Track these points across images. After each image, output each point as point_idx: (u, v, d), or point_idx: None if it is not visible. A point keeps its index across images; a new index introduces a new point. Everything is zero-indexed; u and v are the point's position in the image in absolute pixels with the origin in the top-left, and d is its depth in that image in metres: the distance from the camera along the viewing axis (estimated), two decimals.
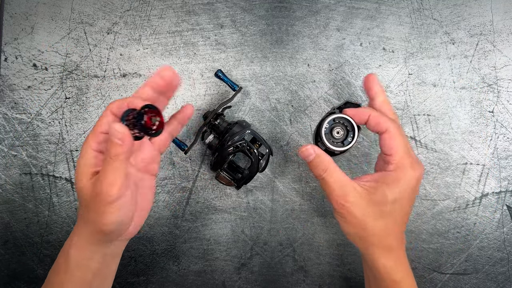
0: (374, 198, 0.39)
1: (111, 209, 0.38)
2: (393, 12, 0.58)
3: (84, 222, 0.40)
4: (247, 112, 0.58)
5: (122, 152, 0.36)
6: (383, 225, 0.40)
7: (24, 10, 0.57)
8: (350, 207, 0.39)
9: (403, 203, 0.40)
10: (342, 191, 0.39)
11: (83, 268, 0.41)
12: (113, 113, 0.40)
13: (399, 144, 0.40)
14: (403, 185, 0.40)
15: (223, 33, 0.58)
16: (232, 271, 0.58)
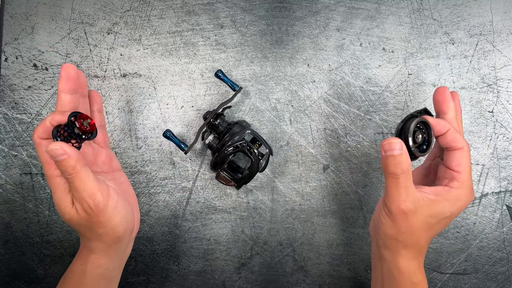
0: (432, 212, 0.40)
1: (109, 214, 0.38)
2: (393, 12, 0.58)
3: (99, 241, 0.40)
4: (247, 112, 0.58)
5: (74, 163, 0.36)
6: (428, 235, 0.41)
7: (24, 10, 0.57)
8: (409, 216, 0.39)
9: (449, 221, 0.41)
10: (408, 197, 0.39)
11: (98, 279, 0.42)
12: (44, 138, 0.38)
13: (468, 165, 0.40)
14: (460, 205, 0.40)
15: (223, 33, 0.58)
16: (232, 271, 0.58)
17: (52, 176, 0.38)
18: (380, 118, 0.57)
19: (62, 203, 0.38)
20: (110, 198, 0.38)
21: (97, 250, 0.41)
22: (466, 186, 0.40)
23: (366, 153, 0.57)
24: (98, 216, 0.38)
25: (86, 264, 0.41)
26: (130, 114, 0.57)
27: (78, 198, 0.37)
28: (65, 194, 0.38)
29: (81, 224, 0.39)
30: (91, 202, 0.37)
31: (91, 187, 0.37)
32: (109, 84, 0.57)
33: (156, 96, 0.57)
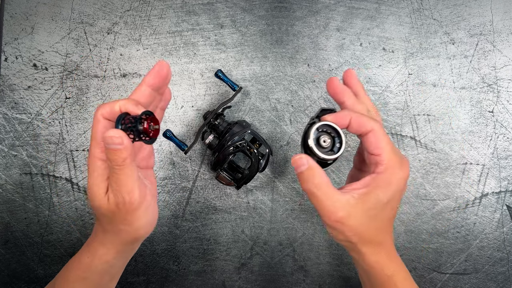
0: (368, 205, 0.38)
1: (138, 214, 0.38)
2: (393, 12, 0.58)
3: (115, 234, 0.39)
4: (247, 112, 0.58)
5: (126, 156, 0.35)
6: (376, 226, 0.40)
7: (24, 10, 0.57)
8: (345, 222, 0.38)
9: (394, 203, 0.40)
10: (335, 206, 0.38)
11: (102, 274, 0.41)
12: (106, 118, 0.37)
13: (386, 142, 0.39)
14: (394, 186, 0.39)
15: (223, 33, 0.58)
16: (232, 271, 0.58)
17: (95, 156, 0.37)
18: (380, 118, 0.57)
19: (96, 188, 0.37)
20: (145, 200, 0.38)
21: (109, 244, 0.40)
22: (392, 165, 0.38)
23: None
24: (128, 213, 0.37)
25: (94, 258, 0.40)
26: None
27: (115, 191, 0.36)
28: (102, 180, 0.37)
29: (106, 215, 0.38)
30: (127, 198, 0.36)
31: (132, 184, 0.36)
32: (109, 84, 0.57)
33: None
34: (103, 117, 0.37)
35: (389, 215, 0.40)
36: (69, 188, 0.57)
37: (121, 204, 0.36)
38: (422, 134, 0.57)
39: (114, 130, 0.34)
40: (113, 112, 0.37)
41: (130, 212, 0.37)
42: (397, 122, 0.57)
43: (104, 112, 0.37)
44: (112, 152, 0.35)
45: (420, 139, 0.57)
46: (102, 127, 0.37)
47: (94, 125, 0.37)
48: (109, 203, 0.37)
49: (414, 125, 0.57)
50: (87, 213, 0.57)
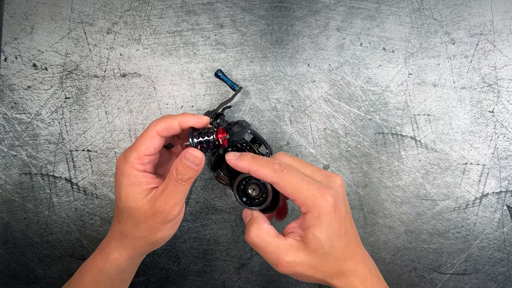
0: (311, 246, 0.37)
1: (166, 227, 0.39)
2: (393, 12, 0.58)
3: (131, 239, 0.40)
4: (247, 112, 0.58)
5: (194, 176, 0.38)
6: (334, 259, 0.38)
7: (24, 10, 0.57)
8: (295, 265, 0.37)
9: (339, 231, 0.37)
10: (280, 253, 0.37)
11: (114, 279, 0.42)
12: (161, 135, 0.39)
13: (292, 184, 0.37)
14: (324, 218, 0.37)
15: (223, 33, 0.58)
16: (232, 271, 0.58)
17: (135, 167, 0.38)
18: (380, 118, 0.57)
19: (132, 192, 0.38)
20: (178, 217, 0.39)
21: (122, 249, 0.41)
22: (312, 200, 0.37)
23: (366, 153, 0.57)
24: (160, 223, 0.38)
25: (106, 262, 0.41)
26: (130, 114, 0.57)
27: (163, 200, 0.37)
28: (140, 186, 0.39)
29: (136, 217, 0.39)
30: (169, 210, 0.37)
31: (180, 200, 0.38)
32: (108, 84, 0.57)
33: (156, 96, 0.57)
34: (158, 134, 0.39)
35: (343, 243, 0.38)
36: (68, 188, 0.57)
37: (159, 212, 0.38)
38: (422, 134, 0.57)
39: (197, 151, 0.38)
40: (169, 130, 0.39)
41: (162, 223, 0.38)
42: (397, 122, 0.57)
43: (161, 130, 0.39)
44: (187, 168, 0.37)
45: (420, 139, 0.57)
46: (152, 144, 0.39)
47: (144, 138, 0.39)
48: (146, 206, 0.38)
49: (414, 125, 0.57)
50: (87, 213, 0.57)
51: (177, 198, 0.38)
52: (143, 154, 0.38)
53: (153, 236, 0.39)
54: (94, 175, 0.57)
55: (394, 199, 0.58)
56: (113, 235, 0.42)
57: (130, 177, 0.38)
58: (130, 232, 0.40)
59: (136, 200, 0.38)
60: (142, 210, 0.38)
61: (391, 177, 0.57)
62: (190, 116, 0.39)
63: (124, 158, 0.39)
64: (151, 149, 0.39)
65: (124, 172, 0.39)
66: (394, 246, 0.58)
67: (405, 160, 0.57)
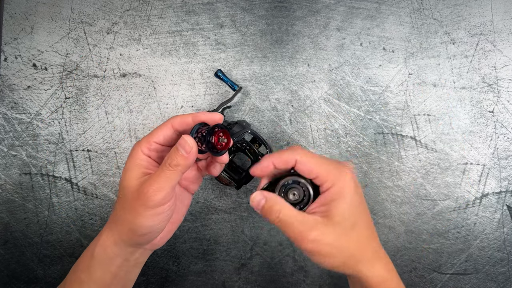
0: (336, 219, 0.38)
1: (148, 213, 0.38)
2: (393, 12, 0.58)
3: (115, 222, 0.41)
4: (247, 112, 0.58)
5: (183, 165, 0.38)
6: (357, 238, 0.38)
7: (24, 10, 0.57)
8: (321, 240, 0.37)
9: (360, 208, 0.39)
10: (305, 226, 0.37)
11: (104, 268, 0.41)
12: (174, 128, 0.41)
13: (315, 163, 0.39)
14: (347, 192, 0.38)
15: (223, 33, 0.58)
16: (232, 271, 0.58)
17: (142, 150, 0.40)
18: (380, 118, 0.57)
19: (134, 169, 0.40)
20: (162, 207, 0.39)
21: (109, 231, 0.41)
22: (333, 177, 0.38)
23: (366, 153, 0.57)
24: (141, 206, 0.38)
25: (96, 245, 0.41)
26: (130, 114, 0.57)
27: (149, 182, 0.38)
28: (140, 168, 0.40)
29: (125, 196, 0.39)
30: (151, 193, 0.38)
31: (164, 187, 0.38)
32: (108, 84, 0.57)
33: (156, 96, 0.57)
34: (172, 126, 0.41)
35: (365, 223, 0.39)
36: (68, 188, 0.57)
37: (142, 194, 0.38)
38: (422, 134, 0.57)
39: (191, 139, 0.38)
40: (182, 124, 0.41)
41: (143, 207, 0.38)
42: (397, 122, 0.57)
43: (175, 122, 0.41)
44: (176, 154, 0.38)
45: (420, 139, 0.57)
46: (163, 133, 0.41)
47: (159, 127, 0.41)
48: (135, 186, 0.39)
49: (414, 125, 0.57)
50: (87, 213, 0.57)
51: (161, 183, 0.38)
52: (152, 139, 0.40)
53: (134, 221, 0.39)
54: (94, 175, 0.57)
55: (394, 199, 0.58)
56: (109, 219, 0.43)
57: (134, 158, 0.40)
58: (118, 214, 0.40)
59: (130, 179, 0.39)
60: (131, 190, 0.39)
61: (391, 177, 0.57)
62: (204, 113, 0.41)
63: (137, 143, 0.41)
64: (160, 137, 0.40)
65: (132, 152, 0.41)
66: (394, 246, 0.58)
67: (405, 160, 0.57)
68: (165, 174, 0.38)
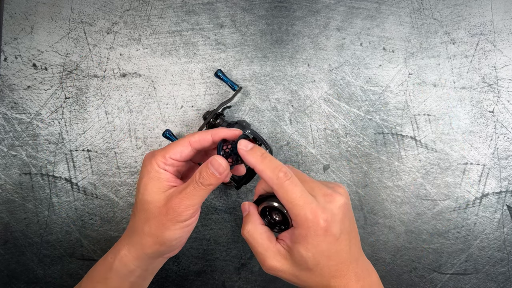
0: (294, 259, 0.37)
1: (177, 226, 0.39)
2: (393, 12, 0.58)
3: (137, 235, 0.41)
4: (247, 112, 0.58)
5: (215, 184, 0.38)
6: (317, 276, 0.37)
7: (24, 10, 0.57)
8: (279, 270, 0.38)
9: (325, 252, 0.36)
10: (266, 255, 0.38)
11: (123, 279, 0.42)
12: (192, 146, 0.40)
13: (289, 197, 0.36)
14: (312, 239, 0.36)
15: (223, 33, 0.58)
16: (232, 271, 0.58)
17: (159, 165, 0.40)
18: (380, 118, 0.57)
19: (151, 186, 0.39)
20: (189, 222, 0.40)
21: (131, 246, 0.41)
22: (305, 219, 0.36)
23: (366, 153, 0.57)
24: (170, 221, 0.39)
25: (115, 258, 0.41)
26: (130, 114, 0.57)
27: (179, 196, 0.38)
28: (160, 182, 0.40)
29: (150, 211, 0.39)
30: (181, 210, 0.38)
31: (195, 204, 0.39)
32: (108, 84, 0.57)
33: (156, 96, 0.57)
34: (190, 143, 0.40)
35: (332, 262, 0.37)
36: (68, 188, 0.57)
37: (172, 210, 0.38)
38: (422, 134, 0.57)
39: (223, 160, 0.39)
40: (201, 142, 0.40)
41: (173, 221, 0.39)
42: (397, 122, 0.57)
43: (194, 141, 0.40)
44: (209, 174, 0.38)
45: (420, 139, 0.57)
46: (180, 151, 0.40)
47: (176, 144, 0.40)
48: (161, 201, 0.39)
49: (414, 125, 0.57)
50: (87, 213, 0.57)
51: (192, 200, 0.38)
52: (169, 156, 0.40)
53: (162, 235, 0.39)
54: (94, 175, 0.57)
55: (394, 199, 0.57)
56: (126, 232, 0.43)
57: (152, 171, 0.40)
58: (141, 228, 0.40)
59: (153, 193, 0.39)
60: (156, 205, 0.39)
61: (391, 177, 0.57)
62: (223, 129, 0.41)
63: (151, 155, 0.41)
64: (177, 155, 0.40)
65: (147, 166, 0.40)
66: (394, 246, 0.58)
67: (405, 160, 0.57)
68: (197, 192, 0.38)
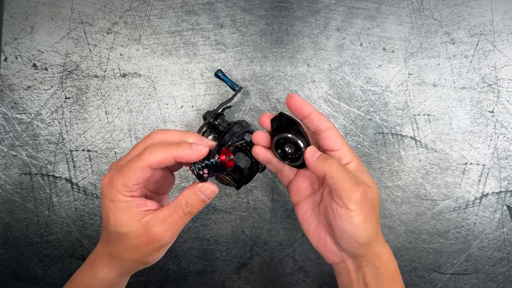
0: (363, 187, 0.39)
1: (160, 250, 0.39)
2: (393, 12, 0.58)
3: (120, 261, 0.39)
4: (247, 112, 0.58)
5: (201, 207, 0.38)
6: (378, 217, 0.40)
7: (24, 10, 0.57)
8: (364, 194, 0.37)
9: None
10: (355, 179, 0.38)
11: None
12: (152, 168, 0.36)
13: (342, 139, 0.40)
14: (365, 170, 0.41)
15: (223, 33, 0.58)
16: (232, 271, 0.58)
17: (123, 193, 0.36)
18: (380, 118, 0.57)
19: (127, 214, 0.36)
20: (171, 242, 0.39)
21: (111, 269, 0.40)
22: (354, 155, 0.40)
23: (366, 153, 0.57)
24: (153, 247, 0.37)
25: (95, 280, 0.40)
26: (130, 114, 0.57)
27: (159, 227, 0.36)
28: (134, 209, 0.36)
29: (126, 242, 0.37)
30: (166, 239, 0.37)
31: (179, 230, 0.38)
32: (108, 84, 0.57)
33: (156, 96, 0.57)
34: (150, 167, 0.36)
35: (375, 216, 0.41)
36: (68, 188, 0.57)
37: (156, 240, 0.37)
38: (422, 134, 0.57)
39: (212, 185, 0.37)
40: (162, 163, 0.36)
41: (156, 249, 0.38)
42: (397, 122, 0.57)
43: (152, 163, 0.36)
44: (199, 202, 0.37)
45: (420, 139, 0.57)
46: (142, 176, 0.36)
47: (134, 168, 0.35)
48: (139, 231, 0.36)
49: (414, 125, 0.57)
50: (87, 213, 0.57)
51: (178, 228, 0.37)
52: (130, 183, 0.36)
53: (144, 260, 0.38)
54: (94, 175, 0.57)
55: (394, 199, 0.58)
56: (101, 255, 0.40)
57: (118, 202, 0.36)
58: (119, 255, 0.38)
59: (128, 225, 0.36)
60: (134, 236, 0.36)
61: (391, 177, 0.57)
62: (188, 148, 0.36)
63: (110, 183, 0.36)
64: (139, 179, 0.36)
65: (111, 197, 0.36)
66: (394, 246, 0.58)
67: (405, 160, 0.57)
68: (184, 221, 0.37)
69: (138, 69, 0.57)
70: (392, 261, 0.41)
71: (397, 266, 0.42)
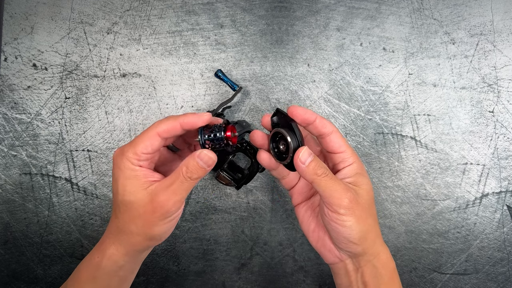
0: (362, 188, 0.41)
1: (165, 221, 0.39)
2: (393, 12, 0.58)
3: (124, 234, 0.40)
4: (247, 112, 0.58)
5: (202, 176, 0.38)
6: (373, 215, 0.41)
7: (24, 10, 0.57)
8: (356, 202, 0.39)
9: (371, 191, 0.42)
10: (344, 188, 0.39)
11: (112, 275, 0.41)
12: (161, 137, 0.39)
13: (345, 143, 0.42)
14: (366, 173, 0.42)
15: (223, 33, 0.58)
16: (232, 271, 0.58)
17: (132, 162, 0.38)
18: (380, 118, 0.57)
19: (135, 182, 0.38)
20: (177, 213, 0.40)
21: (119, 245, 0.40)
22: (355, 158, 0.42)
23: (366, 153, 0.57)
24: (158, 217, 0.38)
25: (103, 257, 0.41)
26: (130, 114, 0.57)
27: (166, 193, 0.37)
28: (141, 178, 0.38)
29: (133, 210, 0.38)
30: (169, 206, 0.38)
31: (182, 198, 0.38)
32: (108, 84, 0.57)
33: (156, 96, 0.57)
34: (158, 134, 0.39)
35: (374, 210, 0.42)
36: (68, 188, 0.57)
37: (160, 208, 0.37)
38: (422, 134, 0.57)
39: (211, 152, 0.38)
40: (170, 132, 0.39)
41: (161, 218, 0.38)
42: (397, 122, 0.57)
43: (162, 131, 0.39)
44: (198, 168, 0.38)
45: (420, 139, 0.57)
46: (150, 144, 0.38)
47: (144, 137, 0.38)
48: (144, 199, 0.38)
49: (414, 125, 0.57)
50: (87, 213, 0.57)
51: (181, 195, 0.38)
52: (140, 151, 0.38)
53: (150, 231, 0.39)
54: (94, 175, 0.57)
55: (394, 199, 0.58)
56: (110, 230, 0.42)
57: (127, 171, 0.38)
58: (127, 227, 0.39)
59: (135, 193, 0.38)
60: (140, 204, 0.38)
61: (391, 177, 0.57)
62: (191, 115, 0.39)
63: (121, 153, 0.39)
64: (148, 148, 0.39)
65: (120, 165, 0.39)
66: (394, 246, 0.58)
67: (405, 160, 0.57)
68: (184, 187, 0.38)
69: (138, 69, 0.57)
70: (391, 261, 0.42)
71: (395, 267, 0.42)
